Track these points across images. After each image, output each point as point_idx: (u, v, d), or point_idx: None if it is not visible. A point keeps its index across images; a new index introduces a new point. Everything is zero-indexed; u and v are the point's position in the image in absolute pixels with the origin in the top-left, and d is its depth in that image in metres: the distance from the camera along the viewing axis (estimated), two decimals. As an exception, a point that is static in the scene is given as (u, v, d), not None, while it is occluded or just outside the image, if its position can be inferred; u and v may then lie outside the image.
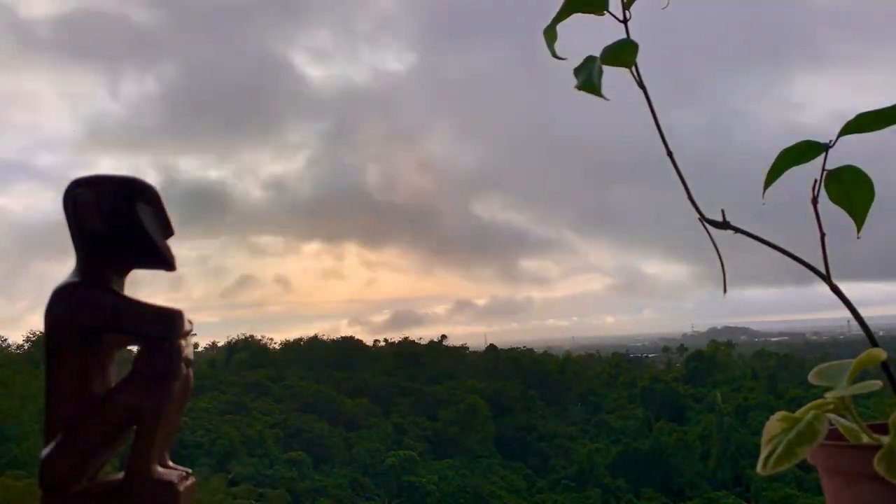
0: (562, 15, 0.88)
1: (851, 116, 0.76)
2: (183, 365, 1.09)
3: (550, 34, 0.89)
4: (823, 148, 0.79)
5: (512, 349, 53.82)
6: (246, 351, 50.19)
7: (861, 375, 0.71)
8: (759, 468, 0.67)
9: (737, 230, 0.83)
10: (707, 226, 0.84)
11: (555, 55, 0.89)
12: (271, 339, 53.55)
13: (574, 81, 0.88)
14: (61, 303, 1.08)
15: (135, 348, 1.12)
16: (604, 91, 0.87)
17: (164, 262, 1.15)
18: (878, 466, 0.61)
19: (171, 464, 1.14)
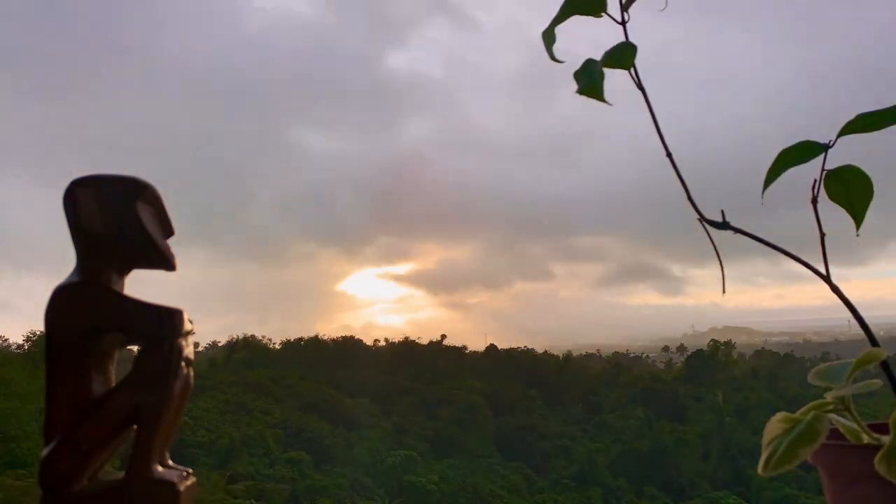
0: (560, 17, 0.87)
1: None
2: (183, 365, 1.09)
3: (549, 37, 0.88)
4: (823, 148, 0.78)
5: (512, 349, 53.78)
6: (246, 351, 50.16)
7: (861, 375, 0.71)
8: (760, 469, 0.67)
9: (737, 230, 0.82)
10: (707, 226, 0.83)
11: (553, 58, 0.88)
12: (271, 340, 53.53)
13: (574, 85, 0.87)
14: (61, 302, 1.08)
15: (135, 348, 1.12)
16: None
17: (165, 261, 1.15)
18: (879, 466, 0.61)
19: (171, 463, 1.14)
